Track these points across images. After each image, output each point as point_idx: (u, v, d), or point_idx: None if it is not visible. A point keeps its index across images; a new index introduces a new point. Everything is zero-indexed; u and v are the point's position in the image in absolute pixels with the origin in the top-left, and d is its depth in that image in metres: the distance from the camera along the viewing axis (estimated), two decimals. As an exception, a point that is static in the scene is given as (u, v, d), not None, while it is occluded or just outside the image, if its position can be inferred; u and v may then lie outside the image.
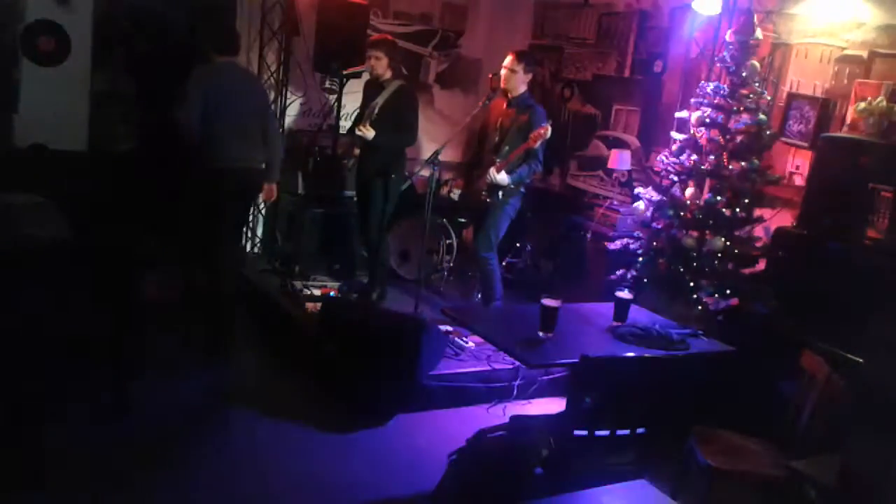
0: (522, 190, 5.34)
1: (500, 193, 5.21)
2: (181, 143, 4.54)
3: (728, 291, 4.69)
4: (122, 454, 3.69)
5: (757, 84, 4.82)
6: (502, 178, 5.09)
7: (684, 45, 5.68)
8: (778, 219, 4.92)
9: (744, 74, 4.77)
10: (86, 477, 3.46)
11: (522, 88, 5.28)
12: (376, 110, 5.34)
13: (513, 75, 5.20)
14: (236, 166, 4.63)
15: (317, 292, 5.46)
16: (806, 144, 4.91)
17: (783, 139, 5.00)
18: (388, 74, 5.40)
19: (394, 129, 5.30)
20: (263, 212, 6.74)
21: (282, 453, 3.91)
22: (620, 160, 5.98)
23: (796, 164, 5.04)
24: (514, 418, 3.69)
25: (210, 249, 4.75)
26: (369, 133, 5.21)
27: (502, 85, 5.25)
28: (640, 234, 5.13)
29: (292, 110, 6.65)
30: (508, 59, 5.24)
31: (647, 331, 3.53)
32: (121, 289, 3.95)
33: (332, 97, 6.57)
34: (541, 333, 3.37)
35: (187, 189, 4.74)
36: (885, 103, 4.33)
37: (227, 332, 4.80)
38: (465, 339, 4.98)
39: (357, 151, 5.49)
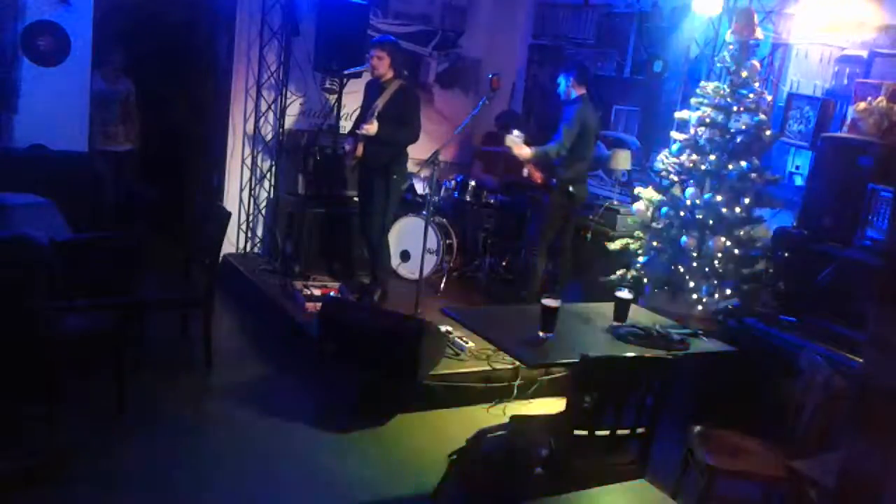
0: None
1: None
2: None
3: (728, 291, 4.70)
4: (120, 452, 3.70)
5: (757, 84, 4.82)
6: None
7: (684, 45, 5.68)
8: (778, 219, 4.93)
9: (744, 74, 4.77)
10: (84, 475, 3.47)
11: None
12: (378, 111, 5.33)
13: None
14: None
15: (317, 292, 5.46)
16: (806, 144, 4.91)
17: (783, 139, 4.99)
18: (390, 75, 5.38)
19: (396, 127, 5.31)
20: (263, 212, 6.75)
21: (282, 453, 3.91)
22: (620, 160, 5.98)
23: (796, 164, 5.04)
24: (514, 418, 3.69)
25: None
26: (372, 128, 5.22)
27: None
28: (640, 234, 5.13)
29: (292, 110, 6.64)
30: None
31: (647, 331, 3.52)
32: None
33: (332, 97, 6.58)
34: (541, 333, 3.36)
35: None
36: (885, 103, 4.33)
37: None
38: (464, 339, 4.98)
39: (360, 152, 5.47)
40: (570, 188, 5.47)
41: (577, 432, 3.01)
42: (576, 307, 3.97)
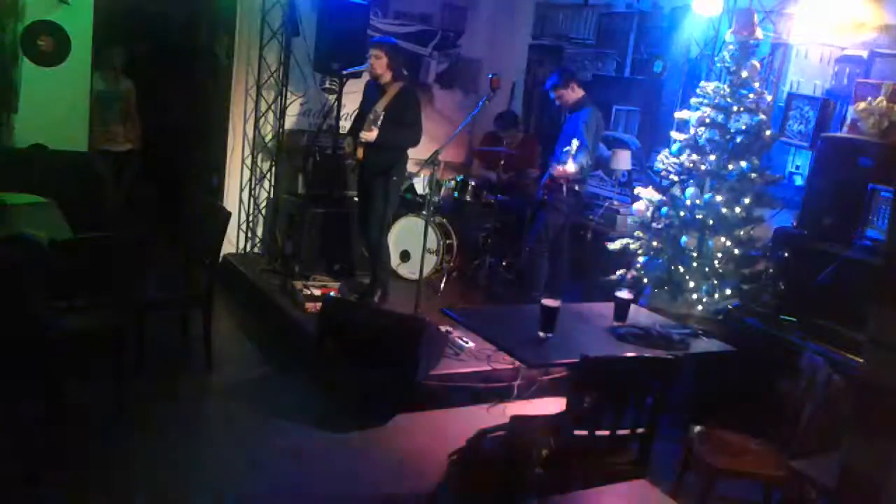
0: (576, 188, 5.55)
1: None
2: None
3: (728, 291, 4.69)
4: (120, 452, 3.70)
5: (757, 84, 4.82)
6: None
7: (684, 45, 5.68)
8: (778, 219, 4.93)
9: (744, 74, 4.77)
10: (85, 477, 3.47)
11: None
12: (381, 114, 5.30)
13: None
14: None
15: (317, 292, 5.46)
16: (806, 144, 4.91)
17: (783, 139, 4.99)
18: (388, 76, 5.36)
19: (398, 130, 5.30)
20: (264, 212, 6.75)
21: (282, 453, 3.91)
22: (620, 160, 5.98)
23: (796, 164, 5.04)
24: (514, 418, 3.69)
25: None
26: (371, 135, 5.22)
27: None
28: (640, 234, 5.13)
29: (292, 110, 6.64)
30: None
31: (647, 331, 3.53)
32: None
33: (332, 97, 6.58)
34: (541, 333, 3.37)
35: None
36: (885, 103, 4.33)
37: None
38: (464, 339, 4.98)
39: (360, 154, 5.45)
40: (577, 187, 5.51)
41: (577, 432, 3.01)
42: (576, 307, 3.97)
